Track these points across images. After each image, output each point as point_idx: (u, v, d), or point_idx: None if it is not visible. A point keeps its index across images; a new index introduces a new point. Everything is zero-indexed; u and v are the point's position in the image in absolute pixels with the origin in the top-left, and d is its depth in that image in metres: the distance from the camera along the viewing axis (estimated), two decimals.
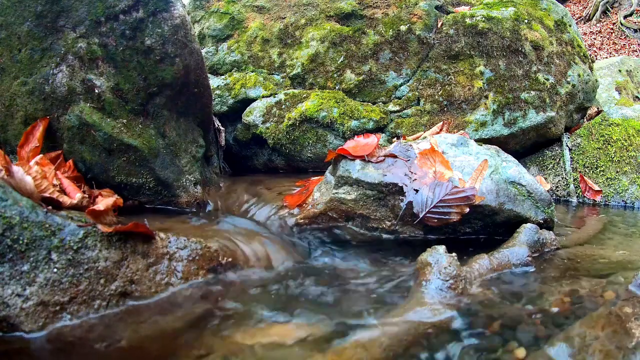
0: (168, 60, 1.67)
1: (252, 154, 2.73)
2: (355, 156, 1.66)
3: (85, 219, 1.21)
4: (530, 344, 0.97)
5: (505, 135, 2.48)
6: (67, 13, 1.61)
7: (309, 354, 0.95)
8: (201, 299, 1.22)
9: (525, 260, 1.41)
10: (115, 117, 1.65)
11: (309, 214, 1.67)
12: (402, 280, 1.34)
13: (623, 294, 1.14)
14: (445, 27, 2.58)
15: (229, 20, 2.83)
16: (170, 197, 1.78)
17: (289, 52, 2.69)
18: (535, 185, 1.65)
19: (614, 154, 2.65)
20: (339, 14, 2.72)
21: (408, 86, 2.57)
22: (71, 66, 1.62)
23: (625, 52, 10.16)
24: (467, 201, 1.53)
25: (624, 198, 2.55)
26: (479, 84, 2.50)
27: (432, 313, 1.08)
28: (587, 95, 2.84)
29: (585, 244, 1.71)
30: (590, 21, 11.88)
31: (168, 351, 1.00)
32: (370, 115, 2.48)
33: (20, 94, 1.65)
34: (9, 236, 1.06)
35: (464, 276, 1.24)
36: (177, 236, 1.32)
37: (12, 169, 1.21)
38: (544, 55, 2.61)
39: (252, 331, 1.05)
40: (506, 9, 2.64)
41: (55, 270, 1.09)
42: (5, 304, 1.02)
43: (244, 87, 2.65)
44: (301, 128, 2.49)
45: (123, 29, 1.61)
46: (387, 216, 1.61)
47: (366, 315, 1.12)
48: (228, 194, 2.02)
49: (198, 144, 1.91)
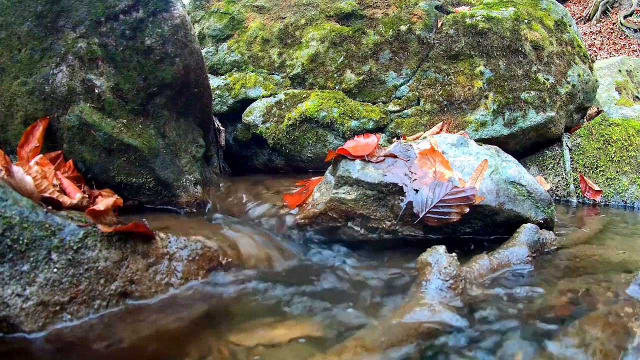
0: (168, 60, 1.67)
1: (252, 154, 2.73)
2: (355, 156, 1.66)
3: (85, 219, 1.21)
4: (530, 344, 0.98)
5: (505, 135, 2.48)
6: (67, 13, 1.61)
7: (308, 354, 0.95)
8: (201, 299, 1.22)
9: (525, 260, 1.41)
10: (115, 117, 1.65)
11: (309, 214, 1.68)
12: (402, 280, 1.35)
13: (623, 294, 1.14)
14: (445, 27, 2.58)
15: (229, 20, 2.83)
16: (170, 197, 1.78)
17: (289, 52, 2.69)
18: (535, 185, 1.65)
19: (614, 154, 2.65)
20: (339, 14, 2.72)
21: (408, 86, 2.57)
22: (71, 66, 1.62)
23: (625, 52, 10.16)
24: (467, 201, 1.53)
25: (624, 198, 2.55)
26: (479, 84, 2.50)
27: (432, 313, 1.08)
28: (587, 95, 2.84)
29: (585, 244, 1.71)
30: (590, 21, 11.88)
31: (168, 351, 1.00)
32: (370, 115, 2.48)
33: (20, 94, 1.65)
34: (9, 236, 1.06)
35: (464, 276, 1.24)
36: (177, 236, 1.32)
37: (12, 169, 1.21)
38: (544, 55, 2.61)
39: (252, 331, 1.05)
40: (506, 9, 2.64)
41: (55, 270, 1.09)
42: (5, 304, 1.02)
43: (244, 87, 2.65)
44: (301, 128, 2.49)
45: (123, 29, 1.61)
46: (387, 216, 1.61)
47: (366, 315, 1.12)
48: (228, 194, 2.02)
49: (198, 144, 1.91)
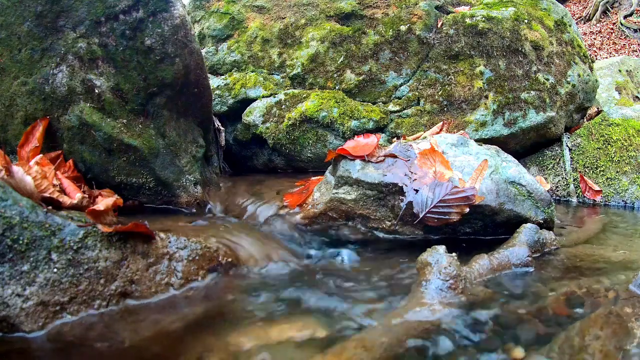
0: (168, 60, 1.67)
1: (252, 154, 2.73)
2: (355, 156, 1.66)
3: (85, 219, 1.21)
4: (530, 344, 0.98)
5: (505, 135, 2.48)
6: (67, 13, 1.61)
7: (309, 354, 0.95)
8: (201, 299, 1.22)
9: (525, 260, 1.40)
10: (115, 117, 1.65)
11: (309, 214, 1.67)
12: (402, 280, 1.34)
13: (623, 294, 1.14)
14: (445, 27, 2.58)
15: (229, 20, 2.83)
16: (170, 197, 1.78)
17: (289, 52, 2.69)
18: (535, 185, 1.65)
19: (614, 154, 2.65)
20: (339, 14, 2.72)
21: (408, 86, 2.57)
22: (71, 66, 1.62)
23: (625, 52, 10.16)
24: (467, 201, 1.53)
25: (624, 198, 2.55)
26: (479, 84, 2.50)
27: (432, 313, 1.08)
28: (587, 95, 2.84)
29: (585, 244, 1.71)
30: (590, 21, 11.88)
31: (168, 351, 1.00)
32: (370, 115, 2.48)
33: (20, 94, 1.65)
34: (9, 236, 1.06)
35: (464, 276, 1.24)
36: (177, 236, 1.32)
37: (12, 169, 1.21)
38: (544, 55, 2.61)
39: (252, 331, 1.05)
40: (506, 9, 2.64)
41: (55, 270, 1.09)
42: (5, 304, 1.02)
43: (244, 87, 2.65)
44: (301, 128, 2.49)
45: (123, 29, 1.61)
46: (387, 216, 1.61)
47: (366, 315, 1.12)
48: (228, 194, 2.02)
49: (198, 144, 1.91)
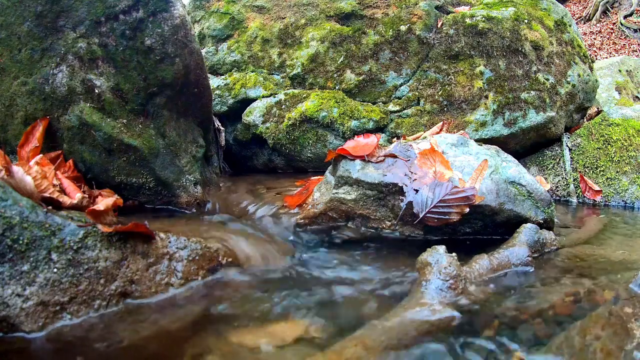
0: (168, 60, 1.67)
1: (252, 154, 2.73)
2: (355, 156, 1.66)
3: (85, 219, 1.21)
4: (531, 344, 0.98)
5: (505, 135, 2.48)
6: (67, 13, 1.61)
7: (308, 353, 0.95)
8: (201, 299, 1.22)
9: (525, 260, 1.40)
10: (115, 117, 1.65)
11: (309, 214, 1.67)
12: (402, 280, 1.34)
13: (623, 294, 1.14)
14: (445, 27, 2.58)
15: (229, 21, 2.83)
16: (170, 197, 1.78)
17: (289, 52, 2.69)
18: (535, 185, 1.65)
19: (614, 154, 2.65)
20: (339, 14, 2.72)
21: (408, 86, 2.57)
22: (71, 66, 1.62)
23: (625, 52, 10.16)
24: (467, 201, 1.53)
25: (624, 198, 2.55)
26: (479, 84, 2.50)
27: (432, 313, 1.08)
28: (587, 95, 2.84)
29: (585, 244, 1.71)
30: (590, 21, 11.88)
31: (168, 351, 1.00)
32: (370, 115, 2.48)
33: (20, 94, 1.65)
34: (9, 236, 1.06)
35: (464, 276, 1.24)
36: (177, 236, 1.32)
37: (12, 169, 1.21)
38: (544, 55, 2.61)
39: (252, 331, 1.05)
40: (506, 9, 2.64)
41: (55, 270, 1.09)
42: (5, 304, 1.02)
43: (244, 87, 2.65)
44: (301, 128, 2.49)
45: (123, 29, 1.61)
46: (387, 216, 1.61)
47: (366, 315, 1.12)
48: (228, 194, 2.02)
49: (198, 144, 1.91)
